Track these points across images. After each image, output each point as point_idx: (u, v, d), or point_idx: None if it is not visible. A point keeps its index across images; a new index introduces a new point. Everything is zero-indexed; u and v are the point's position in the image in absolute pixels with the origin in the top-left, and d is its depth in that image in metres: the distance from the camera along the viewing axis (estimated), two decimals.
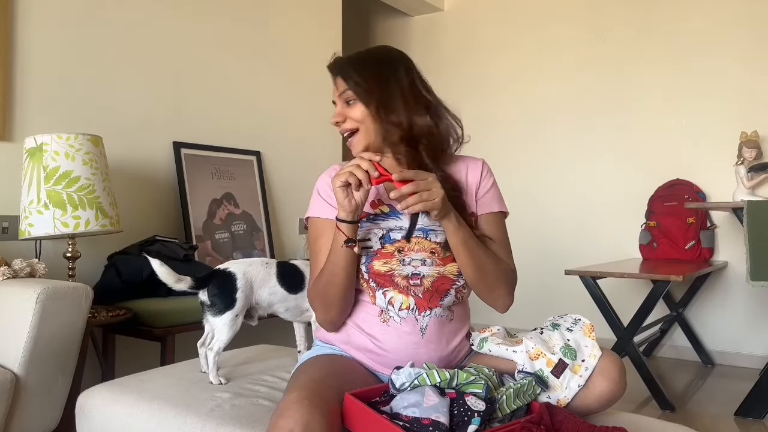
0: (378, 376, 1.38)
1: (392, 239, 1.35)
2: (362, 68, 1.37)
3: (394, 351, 1.33)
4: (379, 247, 1.35)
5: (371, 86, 1.34)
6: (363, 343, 1.36)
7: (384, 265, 1.34)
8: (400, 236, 1.35)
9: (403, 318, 1.33)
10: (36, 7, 2.55)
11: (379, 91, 1.35)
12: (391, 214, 1.38)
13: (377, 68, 1.37)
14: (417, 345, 1.33)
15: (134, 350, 2.69)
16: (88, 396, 1.53)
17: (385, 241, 1.35)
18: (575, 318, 1.39)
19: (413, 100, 1.36)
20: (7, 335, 1.79)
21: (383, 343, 1.34)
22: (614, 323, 3.02)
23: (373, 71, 1.37)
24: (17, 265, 2.03)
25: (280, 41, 3.68)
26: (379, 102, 1.34)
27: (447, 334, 1.36)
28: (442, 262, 1.35)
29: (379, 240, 1.36)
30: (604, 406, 1.29)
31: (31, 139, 2.22)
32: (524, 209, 4.47)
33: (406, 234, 1.35)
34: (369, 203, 1.38)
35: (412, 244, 1.34)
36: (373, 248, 1.35)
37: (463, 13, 4.84)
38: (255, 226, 3.40)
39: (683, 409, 2.97)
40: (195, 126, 3.19)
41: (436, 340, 1.34)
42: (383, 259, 1.34)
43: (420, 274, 1.33)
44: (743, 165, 3.49)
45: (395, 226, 1.37)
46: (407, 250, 1.34)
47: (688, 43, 3.92)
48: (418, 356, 1.32)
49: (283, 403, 1.12)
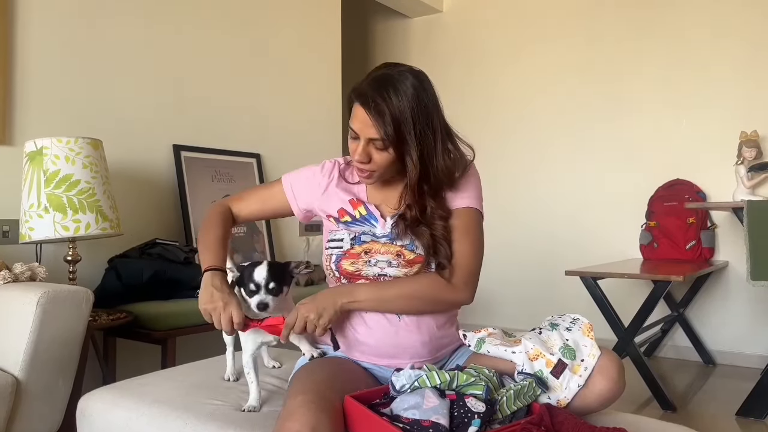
0: (373, 373, 1.39)
1: (362, 241, 1.40)
2: (398, 120, 1.29)
3: (377, 337, 1.37)
4: (348, 248, 1.40)
5: (405, 140, 1.31)
6: (348, 339, 1.40)
7: (351, 265, 1.39)
8: (370, 238, 1.40)
9: None
10: (36, 11, 2.56)
11: (412, 145, 1.31)
12: (368, 216, 1.43)
13: (413, 122, 1.30)
14: (396, 328, 1.37)
15: (135, 353, 2.69)
16: (89, 399, 1.53)
17: (355, 242, 1.41)
18: (574, 317, 1.39)
19: (441, 147, 1.36)
20: (8, 339, 1.79)
21: (364, 331, 1.38)
22: (615, 324, 3.02)
23: (408, 125, 1.30)
24: (18, 269, 2.03)
25: (279, 43, 3.69)
26: (409, 155, 1.32)
27: (427, 321, 1.39)
28: (408, 264, 1.38)
29: (350, 241, 1.41)
30: (603, 405, 1.29)
31: (31, 142, 2.23)
32: (524, 210, 4.48)
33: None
34: (348, 200, 1.45)
35: (378, 247, 1.39)
36: (343, 248, 1.40)
37: (462, 14, 4.84)
38: (255, 229, 3.40)
39: (684, 410, 2.96)
40: (195, 129, 3.19)
41: (416, 327, 1.38)
42: (351, 259, 1.39)
43: (386, 274, 1.38)
44: (743, 164, 3.49)
45: (369, 231, 1.41)
46: (374, 252, 1.39)
47: (688, 43, 3.92)
48: (399, 342, 1.36)
49: (289, 406, 1.12)
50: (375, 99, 1.29)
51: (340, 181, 1.48)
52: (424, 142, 1.32)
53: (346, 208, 1.45)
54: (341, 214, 1.45)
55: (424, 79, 1.36)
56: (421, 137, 1.31)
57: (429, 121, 1.33)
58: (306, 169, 1.53)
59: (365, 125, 1.31)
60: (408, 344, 1.37)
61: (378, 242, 1.39)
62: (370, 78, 1.33)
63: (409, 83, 1.31)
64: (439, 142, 1.35)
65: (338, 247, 1.41)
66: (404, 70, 1.34)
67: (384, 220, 1.42)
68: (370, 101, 1.29)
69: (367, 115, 1.29)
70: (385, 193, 1.45)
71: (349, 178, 1.48)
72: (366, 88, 1.31)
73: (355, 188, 1.48)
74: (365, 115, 1.30)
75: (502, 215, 4.35)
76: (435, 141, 1.34)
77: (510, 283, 4.44)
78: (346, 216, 1.45)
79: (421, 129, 1.31)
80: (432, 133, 1.33)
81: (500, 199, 4.33)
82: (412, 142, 1.31)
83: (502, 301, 4.48)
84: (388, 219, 1.42)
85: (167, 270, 2.59)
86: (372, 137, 1.31)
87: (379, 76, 1.33)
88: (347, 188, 1.48)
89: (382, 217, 1.43)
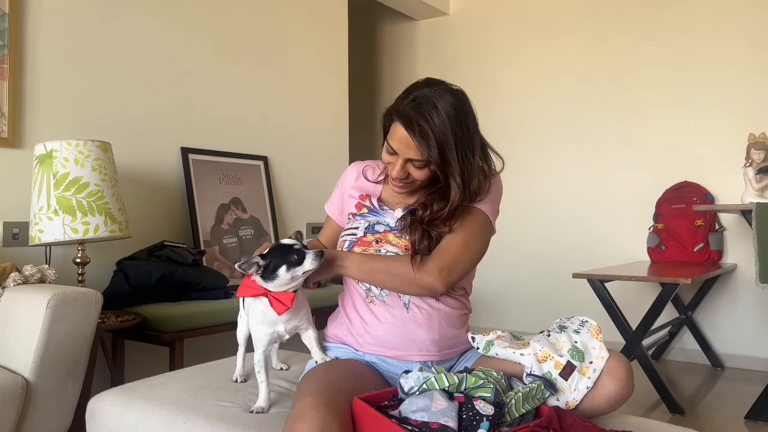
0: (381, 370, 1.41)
1: (375, 231, 1.45)
2: (442, 143, 1.30)
3: (385, 328, 1.40)
4: (361, 235, 1.45)
5: (448, 161, 1.33)
6: (358, 329, 1.43)
7: (362, 252, 1.42)
8: (383, 229, 1.45)
9: (386, 295, 1.41)
10: (45, 16, 2.58)
11: (455, 167, 1.34)
12: (375, 210, 1.49)
13: (455, 145, 1.32)
14: (404, 320, 1.39)
15: (143, 355, 2.70)
16: (98, 401, 1.54)
17: (368, 231, 1.45)
18: (582, 320, 1.39)
19: (478, 166, 1.38)
20: (18, 341, 1.80)
21: (372, 321, 1.41)
22: (623, 326, 3.01)
23: (451, 148, 1.31)
24: (28, 271, 2.04)
25: (286, 46, 3.70)
26: (453, 177, 1.35)
27: (438, 319, 1.40)
28: None
29: (364, 229, 1.46)
30: (613, 407, 1.29)
31: (41, 145, 2.24)
32: (531, 213, 4.47)
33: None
34: (359, 196, 1.52)
35: (390, 238, 1.43)
36: (357, 235, 1.45)
37: (468, 17, 4.84)
38: (263, 231, 3.41)
39: (693, 413, 2.95)
40: (203, 131, 3.20)
41: (425, 322, 1.39)
42: (362, 246, 1.43)
43: None
44: (751, 167, 3.47)
45: (383, 221, 1.46)
46: (385, 242, 1.43)
47: (695, 45, 3.91)
48: (408, 334, 1.38)
49: (298, 407, 1.13)
50: (419, 122, 1.30)
51: (359, 179, 1.55)
52: (464, 162, 1.34)
53: (361, 202, 1.52)
54: (358, 207, 1.52)
55: (464, 99, 1.37)
56: (462, 158, 1.33)
57: (470, 142, 1.35)
58: (335, 188, 1.62)
59: (406, 146, 1.32)
60: (416, 338, 1.39)
61: (391, 233, 1.43)
62: (411, 97, 1.33)
63: (449, 104, 1.32)
64: (477, 160, 1.38)
65: (352, 234, 1.47)
66: (444, 90, 1.34)
67: (393, 212, 1.47)
68: (414, 124, 1.30)
69: (410, 138, 1.31)
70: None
71: (369, 176, 1.54)
72: (408, 109, 1.31)
73: (371, 186, 1.53)
74: (407, 137, 1.31)
75: (510, 218, 4.31)
76: (473, 161, 1.36)
77: (518, 286, 4.43)
78: (363, 209, 1.51)
79: (462, 151, 1.33)
80: (472, 154, 1.35)
81: (507, 201, 4.28)
82: (455, 164, 1.33)
83: (509, 303, 4.48)
84: (398, 211, 1.45)
85: (175, 272, 2.60)
86: (412, 158, 1.34)
87: (420, 96, 1.32)
88: (362, 186, 1.54)
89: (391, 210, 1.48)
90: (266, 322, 1.35)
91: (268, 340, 1.37)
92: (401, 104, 1.33)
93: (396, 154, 1.35)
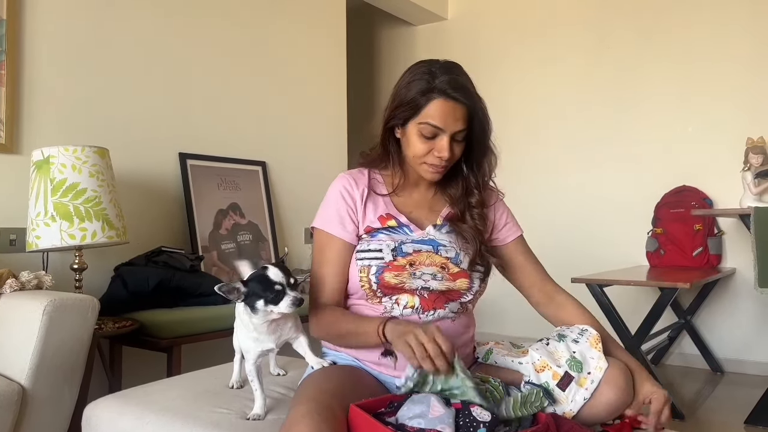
0: (386, 386, 1.38)
1: (404, 252, 1.35)
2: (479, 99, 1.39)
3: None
4: (390, 259, 1.34)
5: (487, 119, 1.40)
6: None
7: (395, 277, 1.33)
8: (412, 249, 1.35)
9: (407, 316, 1.33)
10: (43, 21, 2.58)
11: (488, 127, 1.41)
12: (399, 228, 1.40)
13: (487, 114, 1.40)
14: None
15: (141, 361, 2.69)
16: (95, 408, 1.53)
17: (397, 253, 1.35)
18: (582, 328, 1.38)
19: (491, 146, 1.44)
20: (14, 347, 1.80)
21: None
22: (622, 331, 3.00)
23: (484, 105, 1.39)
24: (24, 278, 2.03)
25: (285, 52, 3.70)
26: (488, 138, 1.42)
27: (452, 336, 1.34)
28: (452, 277, 1.36)
29: (390, 252, 1.35)
30: (611, 414, 1.28)
31: (38, 151, 2.24)
32: (530, 217, 4.43)
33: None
34: (377, 217, 1.41)
35: (423, 258, 1.35)
36: (385, 259, 1.35)
37: (467, 22, 4.85)
38: (261, 236, 3.41)
39: (693, 418, 2.94)
40: (201, 137, 3.20)
41: None
42: (395, 272, 1.33)
43: (429, 288, 1.34)
44: (750, 171, 3.47)
45: (407, 239, 1.38)
46: (418, 264, 1.34)
47: (694, 49, 3.92)
48: None
49: (291, 415, 1.12)
50: (465, 85, 1.35)
51: (370, 194, 1.44)
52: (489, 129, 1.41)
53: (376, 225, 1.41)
54: (382, 221, 1.40)
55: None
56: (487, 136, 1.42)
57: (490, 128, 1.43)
58: (331, 204, 1.43)
59: (453, 118, 1.32)
60: None
61: (422, 253, 1.35)
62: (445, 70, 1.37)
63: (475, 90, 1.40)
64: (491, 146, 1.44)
65: (378, 258, 1.35)
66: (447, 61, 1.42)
67: (420, 228, 1.41)
68: (460, 87, 1.33)
69: (455, 106, 1.32)
70: (414, 200, 1.47)
71: (378, 190, 1.45)
72: (449, 80, 1.34)
73: (381, 201, 1.44)
74: (452, 107, 1.32)
75: None
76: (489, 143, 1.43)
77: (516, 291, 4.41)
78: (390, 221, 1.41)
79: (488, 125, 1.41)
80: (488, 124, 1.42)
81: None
82: (487, 124, 1.40)
83: (508, 308, 4.45)
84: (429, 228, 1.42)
85: (173, 278, 2.60)
86: (459, 130, 1.34)
87: (443, 66, 1.38)
88: (375, 201, 1.44)
89: (418, 226, 1.41)
90: (251, 338, 1.33)
91: (257, 353, 1.36)
92: (437, 80, 1.33)
93: (435, 137, 1.33)
